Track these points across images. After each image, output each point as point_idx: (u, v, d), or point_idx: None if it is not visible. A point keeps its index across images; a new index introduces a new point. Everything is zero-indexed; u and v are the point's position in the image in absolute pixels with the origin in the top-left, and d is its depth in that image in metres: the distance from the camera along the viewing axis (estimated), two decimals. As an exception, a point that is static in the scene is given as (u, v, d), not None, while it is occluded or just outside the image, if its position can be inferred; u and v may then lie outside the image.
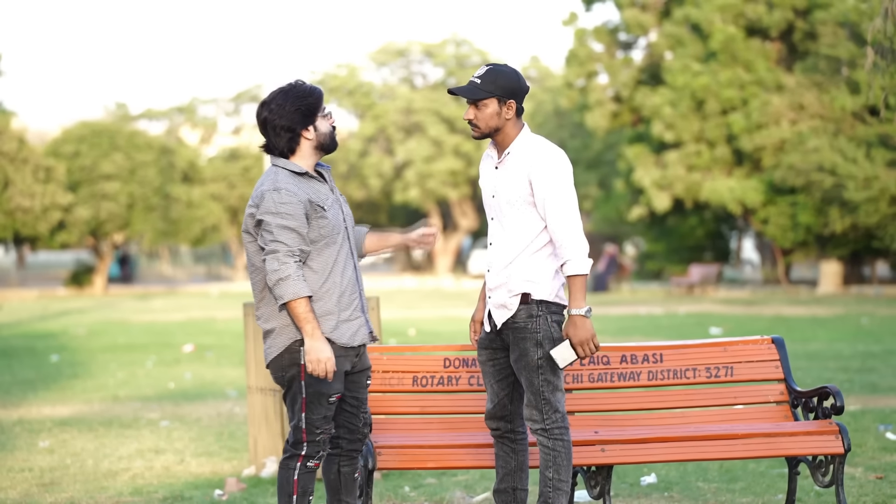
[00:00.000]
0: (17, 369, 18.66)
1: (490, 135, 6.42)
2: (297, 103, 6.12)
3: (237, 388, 15.44)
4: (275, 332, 6.10)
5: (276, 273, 5.95)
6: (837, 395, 7.22)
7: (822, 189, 40.77)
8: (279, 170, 6.13)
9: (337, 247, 6.14)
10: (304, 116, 6.13)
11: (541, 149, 6.35)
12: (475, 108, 6.39)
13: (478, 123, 6.40)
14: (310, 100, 6.15)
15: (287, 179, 6.08)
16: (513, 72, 6.40)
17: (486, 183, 6.50)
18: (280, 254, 5.96)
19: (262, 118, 6.17)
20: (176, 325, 29.16)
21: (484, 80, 6.37)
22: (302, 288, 5.96)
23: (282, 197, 6.01)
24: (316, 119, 6.17)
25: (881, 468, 9.17)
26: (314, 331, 5.98)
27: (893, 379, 15.40)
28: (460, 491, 8.53)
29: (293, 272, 5.95)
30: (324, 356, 5.98)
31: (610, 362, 7.39)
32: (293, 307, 5.96)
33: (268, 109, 6.14)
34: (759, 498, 8.16)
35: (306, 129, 6.14)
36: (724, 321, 27.11)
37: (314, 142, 6.18)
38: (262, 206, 6.02)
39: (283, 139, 6.14)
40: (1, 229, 49.48)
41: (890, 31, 10.64)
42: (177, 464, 10.07)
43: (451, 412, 7.24)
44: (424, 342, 21.62)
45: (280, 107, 6.12)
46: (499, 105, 6.37)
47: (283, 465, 6.16)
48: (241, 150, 65.50)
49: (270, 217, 6.00)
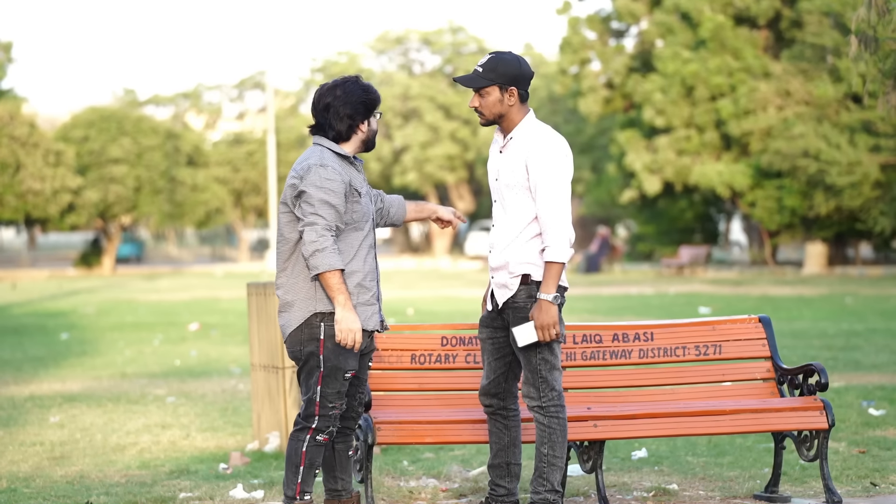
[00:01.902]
0: (28, 347, 18.66)
1: (496, 121, 6.42)
2: (362, 96, 6.20)
3: (241, 366, 15.45)
4: (294, 304, 6.12)
5: (314, 244, 5.99)
6: (822, 373, 7.23)
7: (807, 173, 40.78)
8: (324, 149, 6.18)
9: (363, 234, 6.18)
10: (366, 109, 6.21)
11: (540, 135, 6.34)
12: (479, 96, 6.39)
13: (482, 111, 6.40)
14: (373, 96, 6.23)
15: (332, 158, 6.14)
16: (514, 59, 6.37)
17: (491, 166, 6.51)
18: (318, 226, 6.00)
19: (325, 102, 6.20)
20: (182, 305, 29.17)
21: (485, 69, 6.36)
22: (336, 260, 5.99)
23: (328, 173, 6.06)
24: (372, 116, 6.24)
25: (864, 443, 9.18)
26: (346, 301, 6.02)
27: (876, 356, 15.41)
28: (457, 465, 8.54)
29: (329, 245, 5.99)
30: (355, 326, 6.03)
31: (602, 341, 7.40)
32: (326, 278, 6.00)
33: (333, 95, 6.18)
34: (746, 472, 8.17)
35: (364, 122, 6.22)
36: (713, 301, 27.12)
37: (364, 136, 6.25)
38: (307, 179, 6.05)
39: (344, 125, 6.19)
40: (13, 211, 49.48)
41: (873, 20, 10.63)
42: (183, 438, 10.07)
43: (448, 389, 7.25)
44: (422, 321, 21.63)
45: (347, 95, 6.17)
46: (500, 92, 6.36)
47: (294, 436, 6.17)
48: (245, 134, 65.45)
49: (314, 190, 6.03)
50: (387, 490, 7.69)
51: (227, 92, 74.16)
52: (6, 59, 57.17)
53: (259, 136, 63.91)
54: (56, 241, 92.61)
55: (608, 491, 7.51)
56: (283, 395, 9.06)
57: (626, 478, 8.02)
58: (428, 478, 8.10)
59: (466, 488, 7.74)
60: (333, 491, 6.41)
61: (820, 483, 7.58)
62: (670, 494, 7.48)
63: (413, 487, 7.77)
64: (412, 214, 6.62)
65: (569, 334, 7.34)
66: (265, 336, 9.17)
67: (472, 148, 63.94)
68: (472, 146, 63.86)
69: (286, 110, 68.70)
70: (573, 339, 7.35)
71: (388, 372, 7.16)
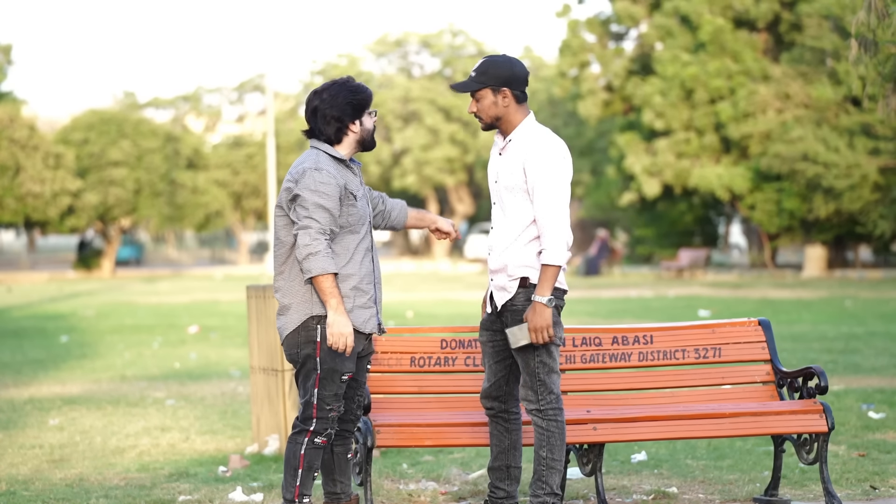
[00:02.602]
0: (27, 349, 18.65)
1: (494, 124, 6.41)
2: (349, 97, 6.21)
3: (240, 369, 15.44)
4: (291, 307, 6.12)
5: (307, 248, 6.00)
6: (822, 376, 7.21)
7: (806, 176, 40.79)
8: (320, 152, 6.20)
9: (359, 237, 6.18)
10: (354, 110, 6.21)
11: (538, 138, 6.33)
12: (475, 100, 6.40)
13: (480, 115, 6.42)
14: (361, 96, 6.24)
15: (328, 162, 6.16)
16: (505, 61, 6.37)
17: (490, 168, 6.51)
18: (312, 230, 6.02)
19: (312, 105, 6.25)
20: (181, 307, 29.15)
21: (477, 73, 6.38)
22: (329, 264, 6.01)
23: (322, 177, 6.07)
24: (363, 115, 6.24)
25: (863, 446, 9.17)
26: (339, 305, 6.02)
27: (876, 359, 15.40)
28: (457, 468, 8.53)
29: (323, 248, 6.01)
30: (346, 330, 6.03)
31: (602, 343, 7.38)
32: (319, 282, 6.01)
33: (319, 98, 6.22)
34: (746, 475, 8.16)
35: (353, 122, 6.22)
36: (713, 304, 27.11)
37: (357, 136, 6.26)
38: (302, 183, 6.07)
39: (332, 128, 6.21)
40: (12, 214, 49.49)
41: (873, 24, 10.62)
42: (182, 441, 10.06)
43: (447, 392, 7.23)
44: (422, 324, 21.62)
45: (333, 97, 6.20)
46: (493, 94, 6.37)
47: (292, 439, 6.18)
48: (245, 137, 65.44)
49: (308, 193, 6.05)
50: (386, 493, 7.68)
51: (226, 95, 74.18)
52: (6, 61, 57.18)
53: (259, 139, 63.90)
54: (56, 244, 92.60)
55: (608, 494, 7.50)
56: (282, 397, 9.04)
57: (626, 481, 8.01)
58: (427, 481, 8.09)
59: (466, 491, 7.74)
60: (332, 494, 6.40)
61: (819, 486, 7.57)
62: (670, 497, 7.47)
63: (412, 490, 7.76)
64: (413, 221, 6.64)
65: (568, 337, 7.32)
66: (264, 339, 9.16)
67: (471, 150, 63.94)
68: (472, 149, 63.86)
69: (286, 113, 68.71)
70: (572, 341, 7.34)
71: (388, 375, 7.15)
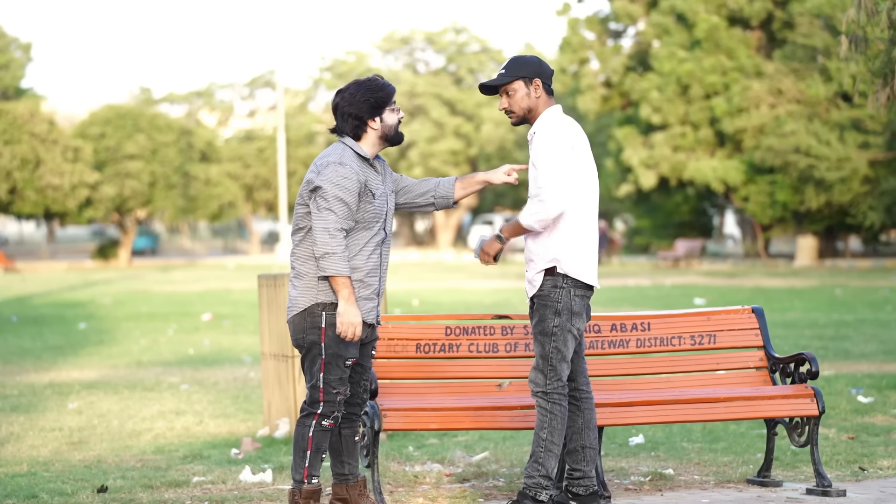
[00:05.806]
0: (47, 336, 18.68)
1: (526, 117, 6.40)
2: (367, 95, 6.20)
3: (252, 355, 15.45)
4: (303, 282, 6.12)
5: (325, 247, 6.01)
6: (813, 361, 7.21)
7: (798, 169, 40.78)
8: (346, 148, 6.20)
9: (371, 233, 6.18)
10: (372, 108, 6.20)
11: (542, 123, 6.33)
12: (507, 95, 6.39)
13: (512, 108, 6.40)
14: (380, 94, 6.22)
15: (352, 158, 6.16)
16: (534, 58, 6.47)
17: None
18: (330, 226, 6.01)
19: (334, 103, 6.27)
20: (195, 296, 29.18)
21: (508, 68, 6.42)
22: (344, 267, 6.01)
23: (345, 171, 6.07)
24: (384, 112, 6.23)
25: (853, 429, 9.17)
26: (350, 296, 6.04)
27: (865, 346, 15.40)
28: (461, 450, 8.53)
29: (340, 251, 6.02)
30: (356, 320, 6.04)
31: (601, 330, 7.38)
32: (333, 278, 6.03)
33: (340, 96, 6.24)
34: (740, 457, 8.16)
35: (372, 119, 6.20)
36: (708, 292, 27.10)
37: (379, 132, 6.24)
38: (324, 175, 6.07)
39: (350, 125, 6.21)
40: (32, 206, 49.54)
41: (863, 21, 10.59)
42: (196, 424, 10.07)
43: (452, 377, 7.23)
44: (427, 312, 21.62)
45: (352, 96, 6.20)
46: (526, 85, 6.38)
47: (300, 422, 6.19)
48: (256, 131, 65.43)
49: (330, 186, 6.05)
50: (392, 474, 7.69)
51: (238, 90, 74.18)
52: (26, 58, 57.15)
53: (269, 133, 63.89)
54: (74, 234, 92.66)
55: (606, 476, 7.50)
56: (292, 382, 9.06)
57: (624, 463, 8.01)
58: (433, 463, 8.10)
59: (469, 473, 7.74)
60: (340, 475, 6.41)
61: (811, 468, 7.57)
62: (666, 479, 7.48)
63: (418, 472, 7.77)
64: (460, 192, 6.56)
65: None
66: (275, 326, 9.16)
67: (474, 143, 63.91)
68: (476, 142, 63.82)
69: (296, 108, 68.70)
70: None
71: (394, 361, 7.15)
